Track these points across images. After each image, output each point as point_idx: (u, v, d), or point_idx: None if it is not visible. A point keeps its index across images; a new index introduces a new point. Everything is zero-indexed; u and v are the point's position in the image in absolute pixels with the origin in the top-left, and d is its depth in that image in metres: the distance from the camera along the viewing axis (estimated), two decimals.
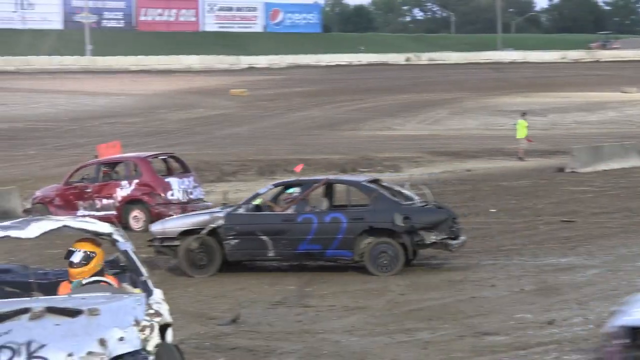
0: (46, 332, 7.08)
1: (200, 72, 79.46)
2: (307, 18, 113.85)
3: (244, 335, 11.39)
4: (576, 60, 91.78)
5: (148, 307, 7.58)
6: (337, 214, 15.51)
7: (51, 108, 55.37)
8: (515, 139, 36.24)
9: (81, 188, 22.49)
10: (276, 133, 45.38)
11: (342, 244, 15.24)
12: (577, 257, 16.15)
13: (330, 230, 15.32)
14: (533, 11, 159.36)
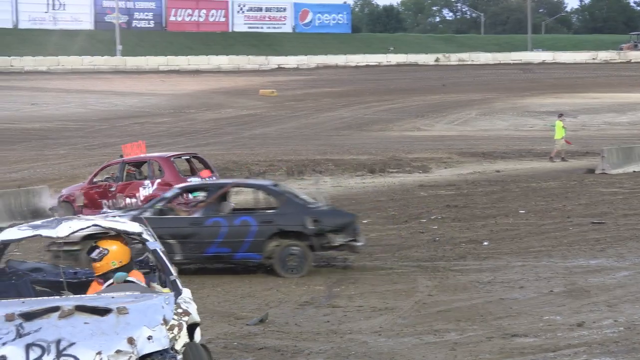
0: (75, 330, 7.12)
1: (229, 72, 79.62)
2: (337, 18, 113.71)
3: (271, 335, 11.39)
4: (607, 61, 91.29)
5: (177, 307, 7.61)
6: (247, 218, 15.61)
7: (81, 108, 55.65)
8: (553, 139, 36.07)
9: (105, 187, 22.76)
10: (305, 133, 45.39)
11: (251, 247, 15.36)
12: (607, 259, 16.06)
13: (240, 233, 15.45)
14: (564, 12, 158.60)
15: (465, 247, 17.79)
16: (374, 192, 28.27)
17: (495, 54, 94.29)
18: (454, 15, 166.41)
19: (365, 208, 24.32)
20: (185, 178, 22.48)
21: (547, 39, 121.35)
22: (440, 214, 22.65)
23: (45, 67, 76.87)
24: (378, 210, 23.71)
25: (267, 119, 51.39)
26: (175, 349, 7.33)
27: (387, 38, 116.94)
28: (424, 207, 24.09)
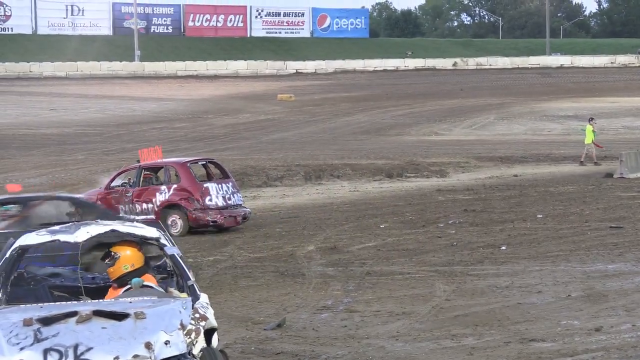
0: (93, 335, 7.16)
1: (247, 77, 79.77)
2: (355, 23, 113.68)
3: (289, 340, 11.41)
4: (625, 65, 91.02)
5: (194, 311, 7.64)
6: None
7: (100, 113, 55.83)
8: (584, 144, 36.00)
9: (122, 192, 22.79)
10: (323, 138, 45.42)
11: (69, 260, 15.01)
12: (625, 263, 16.02)
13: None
14: (582, 16, 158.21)
15: (483, 252, 17.77)
16: (392, 196, 28.27)
17: (513, 58, 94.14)
18: (471, 20, 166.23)
19: (382, 213, 24.33)
20: (201, 184, 22.56)
21: (566, 43, 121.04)
22: (457, 218, 22.63)
23: (64, 73, 77.18)
24: (395, 215, 23.70)
25: (285, 123, 51.45)
26: (192, 354, 7.35)
27: (405, 43, 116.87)
28: (442, 211, 24.08)
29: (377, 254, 17.99)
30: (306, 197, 29.19)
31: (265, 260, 17.86)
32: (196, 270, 15.27)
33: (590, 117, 38.98)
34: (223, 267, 17.07)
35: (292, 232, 21.68)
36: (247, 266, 17.11)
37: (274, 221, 23.84)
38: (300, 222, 23.25)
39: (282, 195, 29.65)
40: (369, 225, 22.20)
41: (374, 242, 19.52)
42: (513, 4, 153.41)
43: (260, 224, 23.41)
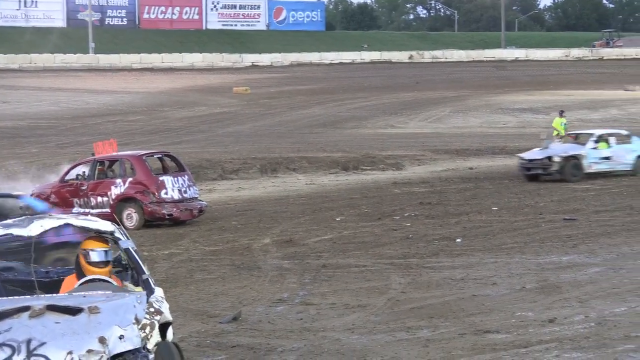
0: (46, 330, 7.09)
1: (203, 70, 79.46)
2: (311, 16, 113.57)
3: (244, 333, 11.40)
4: (579, 58, 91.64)
5: (149, 306, 7.60)
6: None
7: (54, 106, 55.38)
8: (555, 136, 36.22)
9: (77, 185, 22.72)
10: (279, 131, 45.38)
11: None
12: (578, 255, 16.16)
13: None
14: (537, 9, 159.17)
15: (439, 244, 17.85)
16: (348, 189, 28.32)
17: (469, 52, 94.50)
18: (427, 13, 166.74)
19: (338, 205, 24.37)
20: (157, 177, 22.47)
21: (521, 37, 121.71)
22: (413, 211, 22.72)
23: (17, 65, 76.42)
24: (351, 208, 23.75)
25: (240, 116, 51.34)
26: (147, 348, 7.31)
27: (361, 35, 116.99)
28: (398, 204, 24.16)
29: (333, 246, 18.02)
30: (262, 190, 29.18)
31: (221, 253, 17.83)
32: (151, 263, 15.23)
33: (560, 110, 39.79)
34: (178, 261, 17.02)
35: (248, 225, 21.66)
36: (202, 259, 17.06)
37: (229, 214, 23.81)
38: (256, 215, 23.23)
39: (237, 189, 29.62)
40: (325, 218, 22.23)
41: (330, 234, 19.55)
42: None
43: (216, 217, 23.37)
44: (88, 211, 21.69)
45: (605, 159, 29.57)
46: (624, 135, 31.07)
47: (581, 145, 29.81)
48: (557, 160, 28.66)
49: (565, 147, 29.82)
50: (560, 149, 29.60)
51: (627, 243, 17.20)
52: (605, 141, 29.93)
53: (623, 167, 29.86)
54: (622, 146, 30.23)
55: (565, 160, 28.80)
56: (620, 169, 29.74)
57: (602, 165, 29.52)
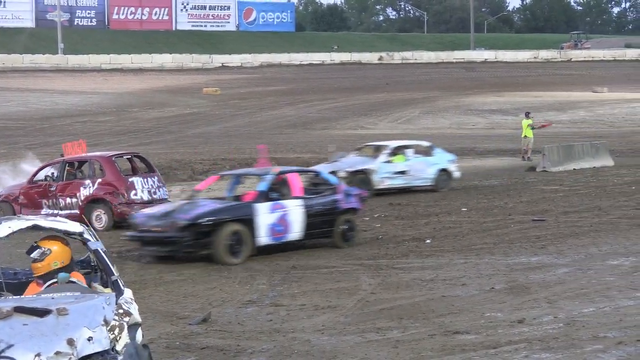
0: (14, 332, 7.02)
1: (172, 71, 79.30)
2: (281, 17, 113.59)
3: (214, 335, 11.37)
4: (548, 60, 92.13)
5: (118, 307, 7.55)
6: None
7: (22, 107, 55.09)
8: (522, 138, 36.28)
9: (45, 186, 22.58)
10: (249, 132, 45.34)
11: None
12: (547, 255, 16.23)
13: None
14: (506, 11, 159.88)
15: (408, 245, 17.89)
16: None
17: (439, 53, 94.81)
18: (397, 14, 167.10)
19: None
20: (126, 178, 22.38)
21: (490, 38, 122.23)
22: (383, 212, 22.77)
23: None
24: None
25: (210, 117, 51.26)
26: (116, 349, 7.26)
27: (331, 37, 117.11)
28: (367, 205, 24.12)
29: (303, 247, 18.00)
30: None
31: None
32: (120, 265, 15.16)
33: (526, 111, 39.34)
34: (148, 262, 16.96)
35: None
36: (172, 261, 17.00)
37: None
38: None
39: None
40: None
41: None
42: None
43: None
44: (57, 212, 21.59)
45: (400, 174, 27.09)
46: (425, 147, 28.60)
47: (372, 158, 27.32)
48: (343, 175, 25.01)
49: (354, 161, 27.13)
50: (348, 163, 26.85)
51: (595, 244, 17.29)
52: (401, 154, 27.52)
53: (422, 182, 27.41)
54: (421, 159, 27.76)
55: (352, 175, 25.90)
56: (418, 184, 27.35)
57: (397, 181, 27.05)
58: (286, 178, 18.27)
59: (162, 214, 17.32)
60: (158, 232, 17.01)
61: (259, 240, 17.14)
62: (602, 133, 43.31)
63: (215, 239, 16.61)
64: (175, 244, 16.78)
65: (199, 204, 17.56)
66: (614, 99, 59.37)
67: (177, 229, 16.71)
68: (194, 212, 16.94)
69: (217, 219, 16.82)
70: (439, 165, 27.84)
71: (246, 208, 17.27)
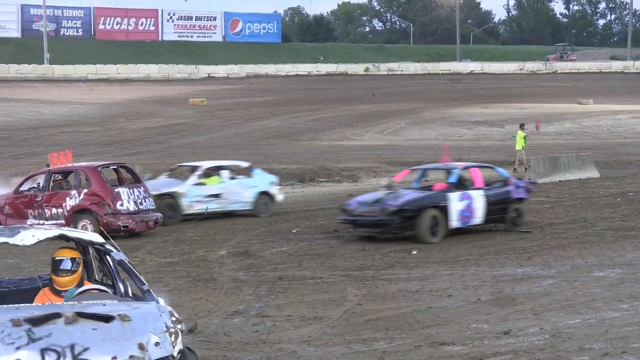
0: (86, 335, 7.13)
1: (159, 81, 79.25)
2: (267, 28, 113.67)
3: (200, 346, 11.34)
4: (533, 72, 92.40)
5: (170, 314, 7.73)
6: None
7: (8, 117, 54.95)
8: (515, 150, 36.36)
9: (31, 197, 22.51)
10: (235, 142, 45.33)
11: None
12: (533, 267, 16.26)
13: None
14: (491, 23, 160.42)
15: (394, 256, 17.90)
16: (304, 201, 28.34)
17: (425, 64, 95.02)
18: (383, 25, 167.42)
19: (294, 217, 24.38)
20: (112, 188, 22.32)
21: (476, 50, 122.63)
22: None
23: None
24: (307, 220, 23.77)
25: (197, 128, 51.23)
26: (173, 355, 7.44)
27: (317, 48, 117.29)
28: None
29: (289, 258, 18.02)
30: None
31: (177, 265, 17.77)
32: None
33: (521, 122, 39.29)
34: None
35: (203, 236, 21.61)
36: (158, 271, 16.99)
37: (185, 226, 23.73)
38: (212, 227, 23.18)
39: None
40: (280, 230, 22.23)
41: (286, 246, 19.54)
42: (424, 10, 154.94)
43: (172, 228, 23.28)
44: (42, 222, 21.57)
45: (213, 197, 25.04)
46: (244, 168, 26.73)
47: (181, 181, 25.58)
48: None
49: (161, 183, 25.21)
50: (154, 185, 24.42)
51: (581, 255, 17.33)
52: (216, 175, 25.59)
53: (240, 206, 25.51)
54: (239, 181, 25.95)
55: (159, 198, 23.85)
56: (235, 209, 25.35)
57: (209, 205, 24.96)
58: (470, 172, 21.45)
59: (372, 201, 20.35)
60: (370, 216, 19.94)
61: (451, 224, 20.06)
62: (587, 145, 43.42)
63: (418, 222, 19.57)
64: (385, 226, 19.80)
65: (402, 193, 20.42)
66: (600, 110, 59.58)
67: (387, 213, 19.72)
68: (401, 200, 19.89)
69: (420, 206, 19.80)
70: (258, 188, 26.00)
71: (441, 196, 20.20)
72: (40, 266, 15.90)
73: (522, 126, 37.58)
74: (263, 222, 23.64)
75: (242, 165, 27.08)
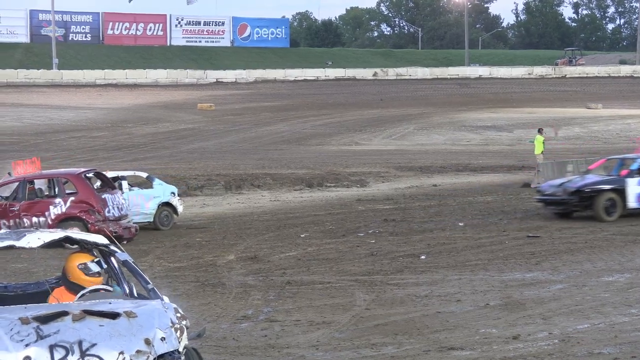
0: (93, 332, 7.27)
1: (167, 86, 79.34)
2: (275, 33, 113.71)
3: (209, 350, 11.35)
4: (542, 76, 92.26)
5: (175, 311, 7.88)
6: None
7: (17, 122, 55.06)
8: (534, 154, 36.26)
9: (5, 206, 21.62)
10: (243, 148, 45.35)
11: None
12: (542, 272, 16.23)
13: None
14: (500, 27, 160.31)
15: (403, 261, 17.88)
16: (312, 206, 28.32)
17: (433, 69, 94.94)
18: (391, 30, 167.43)
19: (303, 222, 24.37)
20: (99, 195, 21.81)
21: (484, 54, 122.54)
22: (377, 228, 22.76)
23: None
24: (316, 225, 23.76)
25: (205, 133, 51.27)
26: (178, 350, 7.59)
27: (325, 52, 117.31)
28: (362, 221, 24.18)
29: (298, 263, 18.01)
30: (226, 206, 29.14)
31: (186, 269, 17.77)
32: None
33: (539, 127, 39.11)
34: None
35: (212, 241, 21.61)
36: (167, 276, 17.00)
37: (194, 231, 23.75)
38: (220, 232, 23.19)
39: (202, 205, 29.55)
40: (289, 234, 22.23)
41: (295, 251, 19.54)
42: (432, 15, 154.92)
43: (181, 233, 23.30)
44: None
45: None
46: (143, 178, 25.83)
47: None
48: None
49: None
50: None
51: (590, 260, 17.30)
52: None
53: (140, 218, 24.02)
54: (138, 192, 24.81)
55: None
56: (136, 222, 23.20)
57: None
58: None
59: (559, 183, 23.95)
60: (555, 196, 23.54)
61: (629, 204, 22.96)
62: (596, 149, 43.34)
63: (595, 202, 22.87)
64: (565, 204, 23.39)
65: (585, 178, 23.98)
66: (609, 115, 59.47)
67: (568, 193, 23.24)
68: (581, 183, 23.42)
69: (597, 188, 23.13)
70: (160, 199, 24.73)
71: (619, 181, 23.32)
72: (49, 271, 15.91)
73: (541, 131, 37.42)
74: (272, 227, 23.64)
75: (141, 175, 26.01)
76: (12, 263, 18.17)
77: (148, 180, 25.64)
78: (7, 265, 18.06)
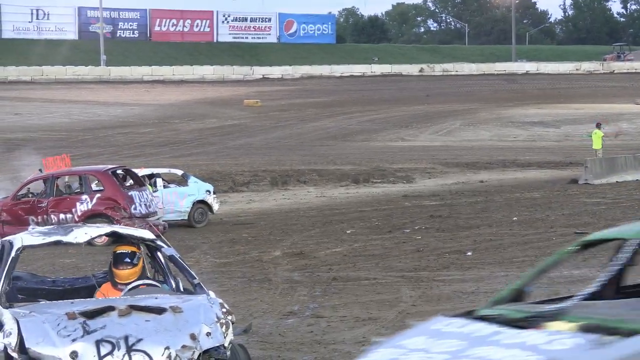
0: (139, 327, 7.40)
1: (213, 83, 79.60)
2: (321, 29, 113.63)
3: (255, 346, 11.38)
4: (590, 72, 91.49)
5: (221, 306, 7.99)
6: None
7: (65, 118, 55.54)
8: (592, 149, 36.08)
9: (34, 202, 21.73)
10: (289, 143, 45.42)
11: None
12: (589, 269, 16.09)
13: None
14: (547, 22, 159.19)
15: (449, 258, 17.82)
16: (358, 202, 28.31)
17: (480, 65, 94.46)
18: (438, 26, 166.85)
19: (349, 218, 24.37)
20: (126, 192, 21.87)
21: (531, 50, 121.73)
22: (424, 224, 22.70)
23: (29, 77, 76.68)
24: (362, 221, 23.74)
25: (251, 129, 51.40)
26: (224, 345, 7.69)
27: (371, 48, 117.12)
28: (408, 217, 24.14)
29: (344, 259, 18.01)
30: (272, 202, 29.20)
31: (232, 265, 17.83)
32: None
33: (597, 122, 38.85)
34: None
35: (258, 237, 21.67)
36: (213, 272, 17.07)
37: (240, 227, 23.82)
38: (266, 228, 23.25)
39: (248, 201, 29.65)
40: (335, 230, 22.23)
41: (341, 247, 19.54)
42: (479, 11, 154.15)
43: (227, 229, 23.38)
44: None
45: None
46: (178, 176, 25.61)
47: None
48: None
49: None
50: None
51: None
52: (148, 184, 23.73)
53: (174, 216, 24.00)
54: (173, 189, 24.65)
55: None
56: (170, 219, 23.33)
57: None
58: None
59: None
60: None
61: None
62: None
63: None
64: None
65: None
66: None
67: None
68: None
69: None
70: (194, 197, 24.60)
71: None
72: (97, 266, 16.04)
73: (599, 125, 37.15)
74: (318, 223, 23.66)
75: (177, 173, 25.90)
76: (60, 258, 18.32)
77: (183, 178, 25.48)
78: (55, 260, 18.22)
